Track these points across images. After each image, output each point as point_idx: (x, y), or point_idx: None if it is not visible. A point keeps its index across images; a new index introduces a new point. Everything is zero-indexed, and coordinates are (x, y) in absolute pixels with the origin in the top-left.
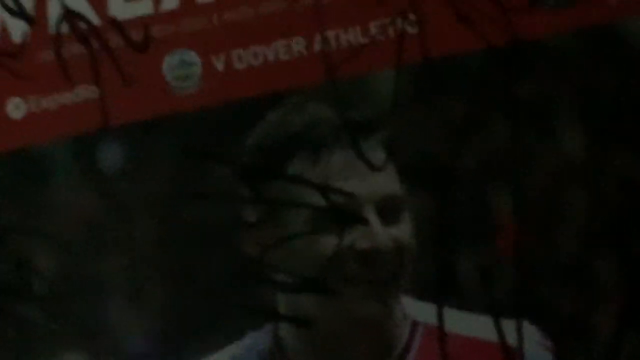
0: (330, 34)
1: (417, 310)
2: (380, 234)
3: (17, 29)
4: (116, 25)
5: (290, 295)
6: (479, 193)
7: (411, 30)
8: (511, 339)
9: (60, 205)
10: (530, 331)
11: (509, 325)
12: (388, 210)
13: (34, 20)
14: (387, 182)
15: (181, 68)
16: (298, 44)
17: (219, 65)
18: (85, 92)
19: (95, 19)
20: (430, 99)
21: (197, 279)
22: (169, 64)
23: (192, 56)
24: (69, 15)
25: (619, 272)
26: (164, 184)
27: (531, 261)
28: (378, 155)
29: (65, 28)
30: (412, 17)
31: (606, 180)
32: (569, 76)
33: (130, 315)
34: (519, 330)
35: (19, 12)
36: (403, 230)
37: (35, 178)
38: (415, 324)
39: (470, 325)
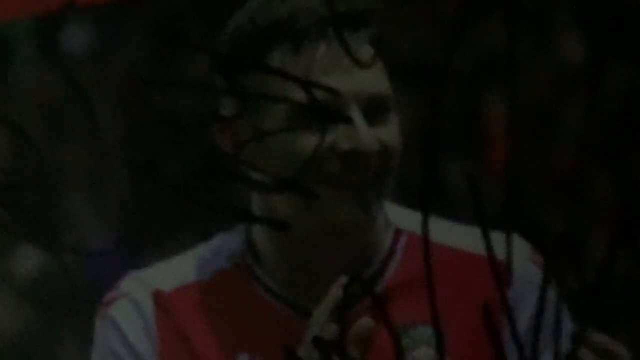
0: None
1: (400, 217)
2: (365, 134)
3: None
4: None
5: (265, 196)
6: (471, 98)
7: None
8: (499, 252)
9: (19, 88)
10: (520, 246)
11: (497, 238)
12: (374, 110)
13: None
14: (374, 81)
15: None
16: None
17: None
18: None
19: None
20: None
21: (164, 173)
22: None
23: None
24: None
25: (614, 188)
26: (133, 70)
27: (523, 173)
28: (366, 51)
29: None
30: None
31: (605, 90)
32: None
33: (91, 209)
34: (507, 243)
35: None
36: (389, 132)
37: None
38: (398, 232)
39: (456, 236)
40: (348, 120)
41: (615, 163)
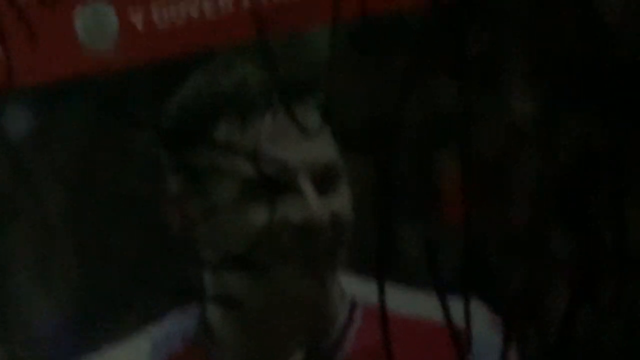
0: None
1: (356, 288)
2: (316, 205)
3: None
4: None
5: (218, 273)
6: (422, 158)
7: None
8: (458, 318)
9: None
10: (479, 310)
11: (455, 304)
12: (324, 180)
13: None
14: (322, 149)
15: (95, 24)
16: (225, 0)
17: (138, 22)
18: None
19: None
20: (369, 58)
21: (113, 254)
22: (81, 19)
23: (107, 11)
24: None
25: (573, 244)
26: (76, 151)
27: (480, 232)
28: (313, 119)
29: None
30: None
31: (559, 144)
32: (520, 32)
33: (39, 293)
34: (466, 309)
35: None
36: (340, 201)
37: None
38: (354, 304)
39: (414, 303)
40: (298, 192)
41: (572, 219)
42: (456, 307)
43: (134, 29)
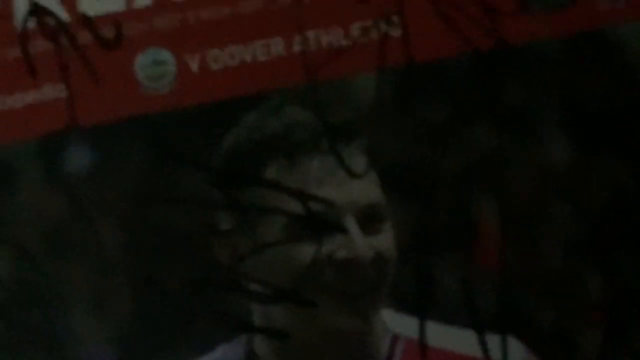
0: (310, 34)
1: (397, 323)
2: (360, 244)
3: None
4: (86, 21)
5: (265, 306)
6: (461, 201)
7: (394, 33)
8: (496, 354)
9: (22, 208)
10: (515, 347)
11: (493, 340)
12: (369, 219)
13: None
14: (368, 190)
15: (154, 67)
16: (277, 45)
17: (194, 65)
18: (52, 90)
19: (64, 15)
20: (413, 104)
21: (165, 287)
22: (141, 62)
23: (166, 55)
24: (37, 10)
25: (605, 285)
26: (132, 188)
27: (515, 273)
28: (359, 161)
29: (32, 24)
30: (395, 19)
31: (592, 189)
32: (555, 82)
33: (93, 325)
34: (503, 346)
35: None
36: (384, 241)
37: None
38: (395, 338)
39: (452, 339)
40: (344, 231)
41: (605, 262)
42: (494, 344)
43: (190, 72)
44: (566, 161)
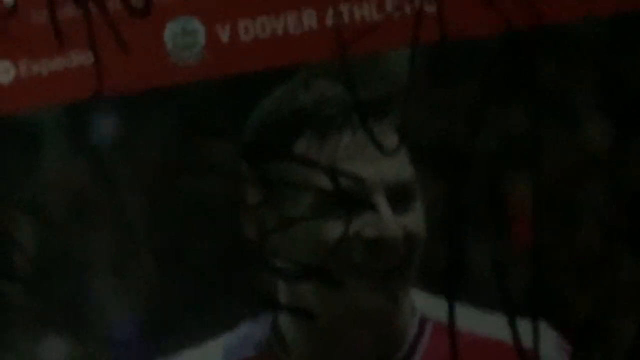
0: (344, 8)
1: (426, 304)
2: (390, 222)
3: None
4: None
5: (291, 284)
6: (494, 181)
7: (429, 8)
8: (526, 339)
9: (47, 176)
10: (547, 333)
11: (524, 325)
12: (399, 197)
13: None
14: (399, 168)
15: (183, 36)
16: (309, 17)
17: (224, 36)
18: (79, 57)
19: None
20: (447, 81)
21: (190, 261)
22: (171, 31)
23: (196, 24)
24: None
25: None
26: (159, 158)
27: (549, 256)
28: (390, 138)
29: None
30: None
31: (629, 172)
32: (593, 63)
33: (117, 296)
34: (535, 331)
35: None
36: (414, 219)
37: (21, 147)
38: (424, 320)
39: (482, 323)
40: (373, 208)
41: None
42: (524, 328)
43: (220, 42)
44: (603, 143)
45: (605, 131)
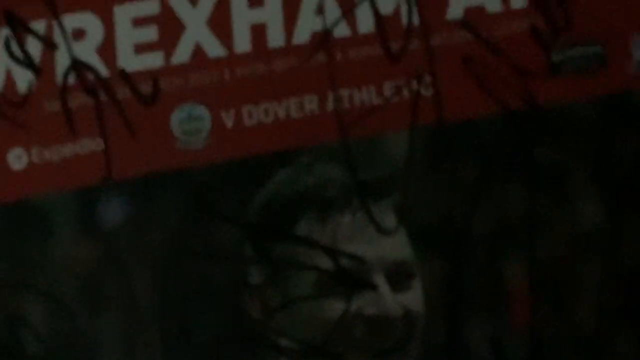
0: (344, 92)
1: None
2: (390, 300)
3: (23, 79)
4: (124, 77)
5: None
6: (492, 260)
7: (426, 92)
8: None
9: (58, 259)
10: None
11: None
12: (398, 276)
13: (41, 70)
14: (397, 247)
15: (190, 122)
16: (310, 102)
17: (229, 121)
18: (90, 144)
19: (103, 71)
20: (444, 162)
21: (196, 339)
22: (178, 118)
23: (201, 111)
24: (77, 65)
25: (637, 346)
26: (166, 241)
27: (546, 333)
28: (389, 218)
29: (72, 79)
30: (427, 79)
31: (624, 250)
32: (586, 143)
33: None
34: None
35: (25, 62)
36: (413, 298)
37: (34, 231)
38: None
39: None
40: (373, 287)
41: (636, 321)
42: None
43: (225, 127)
44: (598, 222)
45: (600, 210)
